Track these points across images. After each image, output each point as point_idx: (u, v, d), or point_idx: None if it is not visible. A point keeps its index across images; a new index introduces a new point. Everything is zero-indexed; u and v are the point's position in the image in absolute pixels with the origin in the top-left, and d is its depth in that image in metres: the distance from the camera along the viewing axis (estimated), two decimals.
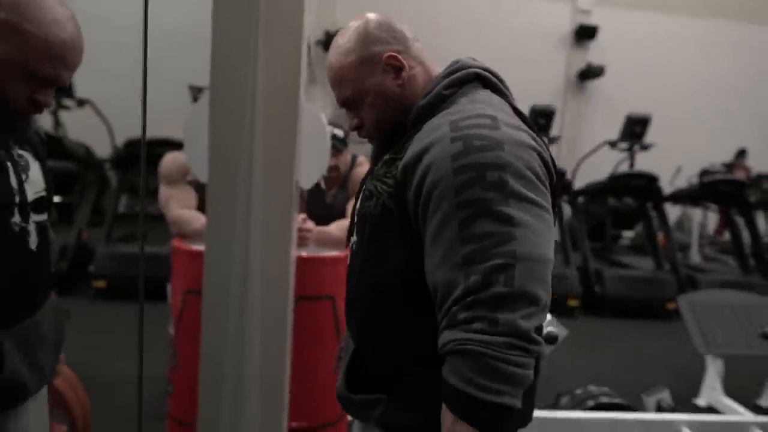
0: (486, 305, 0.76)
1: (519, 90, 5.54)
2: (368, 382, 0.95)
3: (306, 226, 2.05)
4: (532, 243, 0.79)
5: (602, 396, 1.95)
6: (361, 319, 0.98)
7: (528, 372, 0.78)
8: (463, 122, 0.85)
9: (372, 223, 0.93)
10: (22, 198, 0.96)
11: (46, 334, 1.03)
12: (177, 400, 2.17)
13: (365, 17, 1.00)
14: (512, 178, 0.80)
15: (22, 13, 0.87)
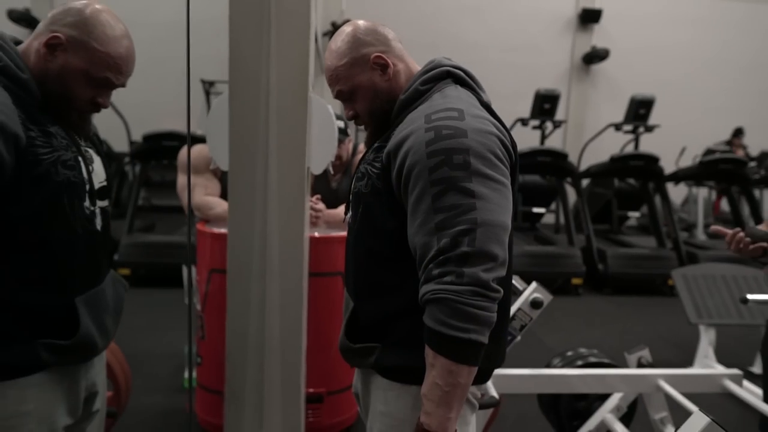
0: (454, 262, 0.94)
1: (524, 75, 5.87)
2: (365, 333, 1.14)
3: (318, 207, 2.24)
4: (490, 211, 0.96)
5: (591, 356, 2.11)
6: (357, 280, 1.17)
7: (490, 314, 0.95)
8: (435, 115, 1.03)
9: (364, 200, 1.12)
10: (91, 186, 1.14)
11: (109, 301, 1.21)
12: (205, 369, 2.38)
13: (354, 24, 1.19)
14: (474, 159, 0.98)
15: (90, 32, 1.06)
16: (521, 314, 1.74)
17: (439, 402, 0.96)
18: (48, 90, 1.06)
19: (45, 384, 1.09)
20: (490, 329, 0.97)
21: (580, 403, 2.02)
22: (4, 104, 0.98)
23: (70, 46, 1.05)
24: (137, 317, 3.54)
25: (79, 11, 1.06)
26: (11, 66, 1.03)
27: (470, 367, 0.96)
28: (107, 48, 1.07)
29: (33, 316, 1.06)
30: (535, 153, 5.37)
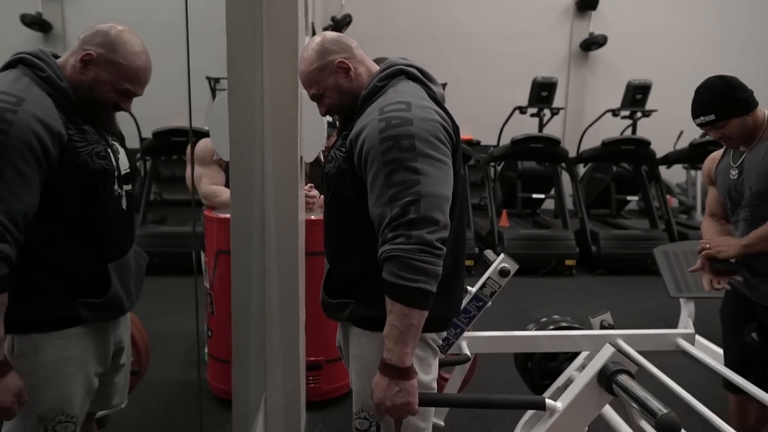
0: (404, 227, 1.15)
1: (523, 64, 6.13)
2: (339, 290, 1.36)
3: (312, 193, 2.46)
4: (432, 185, 1.17)
5: (562, 322, 2.32)
6: (330, 245, 1.41)
7: (436, 268, 1.16)
8: (387, 107, 1.24)
9: (333, 179, 1.35)
10: (118, 173, 1.37)
11: (132, 270, 1.44)
12: (215, 341, 2.62)
13: (323, 35, 1.41)
14: (419, 142, 1.19)
15: (114, 49, 1.29)
16: (491, 282, 1.96)
17: (397, 340, 1.18)
18: (82, 96, 1.29)
19: (82, 336, 1.33)
20: (436, 280, 1.18)
21: (550, 363, 2.23)
22: (49, 108, 1.21)
23: (99, 61, 1.28)
24: (153, 302, 3.77)
25: (106, 33, 1.30)
26: (53, 76, 1.25)
27: (421, 311, 1.17)
28: (129, 62, 1.30)
29: (74, 279, 1.29)
30: (528, 140, 5.55)
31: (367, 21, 8.35)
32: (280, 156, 2.03)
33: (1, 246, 1.11)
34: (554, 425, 1.19)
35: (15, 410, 1.18)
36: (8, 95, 1.17)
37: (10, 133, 1.12)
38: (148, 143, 5.54)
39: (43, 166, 1.18)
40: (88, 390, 1.37)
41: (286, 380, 2.19)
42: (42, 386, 1.26)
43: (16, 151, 1.13)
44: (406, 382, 1.19)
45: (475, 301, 1.96)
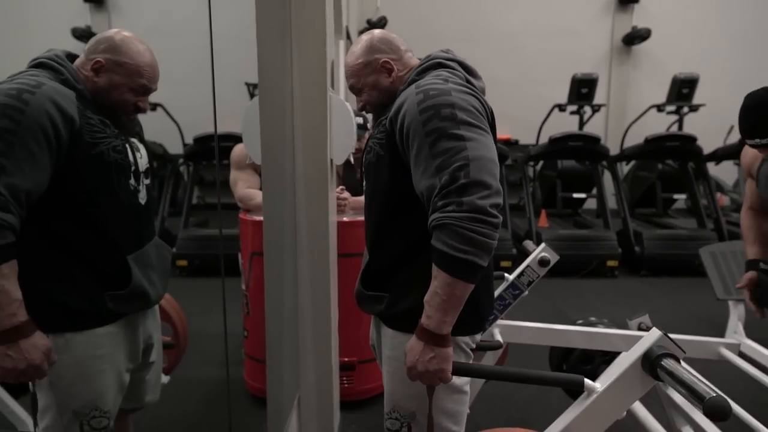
0: (454, 193, 1.10)
1: (562, 60, 6.04)
2: (375, 282, 1.36)
3: (343, 196, 2.48)
4: (477, 149, 1.14)
5: (599, 324, 2.26)
6: (370, 235, 1.41)
7: (488, 240, 1.10)
8: (424, 83, 1.24)
9: (372, 169, 1.35)
10: (136, 168, 1.42)
11: (154, 261, 1.47)
12: (251, 341, 2.67)
13: (372, 33, 1.42)
14: (459, 111, 1.17)
15: (119, 52, 1.34)
16: (529, 271, 1.93)
17: (438, 307, 1.15)
18: (100, 102, 1.34)
19: (112, 334, 1.38)
20: (488, 254, 1.12)
21: (586, 366, 2.17)
22: (67, 96, 1.25)
23: (109, 66, 1.33)
24: (194, 302, 3.90)
25: (108, 39, 1.35)
26: (71, 79, 1.31)
27: (465, 283, 1.13)
28: (137, 61, 1.35)
29: (97, 272, 1.33)
30: (566, 138, 5.43)
31: (402, 23, 8.36)
32: (311, 159, 2.06)
33: (6, 216, 1.14)
34: (592, 406, 1.14)
35: (45, 369, 1.23)
36: (31, 79, 1.22)
37: (25, 111, 1.16)
38: (190, 148, 5.70)
39: (53, 147, 1.21)
40: (120, 386, 1.42)
41: (318, 380, 2.21)
42: (76, 383, 1.32)
43: (29, 130, 1.17)
44: (441, 348, 1.17)
45: (511, 289, 1.93)
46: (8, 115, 1.15)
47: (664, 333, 1.14)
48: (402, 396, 1.34)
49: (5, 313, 1.15)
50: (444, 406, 1.31)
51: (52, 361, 1.24)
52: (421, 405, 1.30)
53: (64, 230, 1.29)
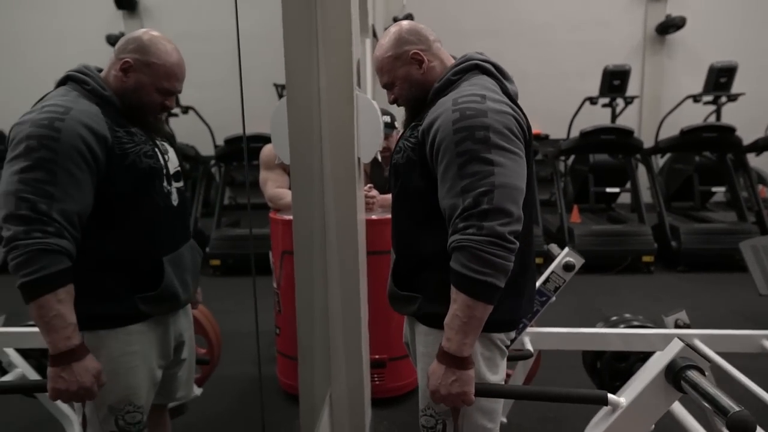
0: (476, 217, 1.13)
1: (593, 52, 5.94)
2: (406, 282, 1.36)
3: (371, 194, 2.49)
4: (505, 176, 1.15)
5: (634, 321, 2.21)
6: (398, 236, 1.41)
7: (506, 263, 1.13)
8: (461, 99, 1.23)
9: (401, 170, 1.35)
10: (167, 170, 1.45)
11: (187, 263, 1.51)
12: (283, 339, 2.71)
13: (400, 24, 1.41)
14: (493, 134, 1.17)
15: (147, 52, 1.37)
16: (555, 276, 1.90)
17: (458, 330, 1.16)
18: (128, 102, 1.38)
19: (144, 331, 1.41)
20: (505, 276, 1.15)
21: (621, 364, 2.13)
22: (95, 115, 1.30)
23: (137, 66, 1.37)
24: (228, 301, 3.98)
25: (137, 39, 1.38)
26: (97, 88, 1.35)
27: (485, 305, 1.15)
28: (163, 61, 1.38)
29: (130, 274, 1.37)
30: (598, 131, 5.32)
31: (428, 19, 8.28)
32: (338, 157, 2.07)
33: (62, 242, 1.20)
34: (617, 422, 1.13)
35: (95, 391, 1.27)
36: (57, 106, 1.26)
37: (60, 139, 1.21)
38: (221, 150, 5.81)
39: (92, 167, 1.26)
40: (152, 381, 1.46)
41: (349, 377, 2.22)
42: (110, 378, 1.35)
43: (67, 156, 1.21)
44: (462, 371, 1.18)
45: (538, 296, 1.91)
46: (45, 145, 1.20)
47: (687, 343, 1.12)
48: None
49: (60, 336, 1.20)
50: (479, 403, 1.30)
51: (101, 384, 1.29)
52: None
53: (100, 235, 1.33)
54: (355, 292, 2.19)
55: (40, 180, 1.19)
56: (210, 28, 6.22)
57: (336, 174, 2.08)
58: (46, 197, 1.19)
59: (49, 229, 1.18)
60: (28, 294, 1.18)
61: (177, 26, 8.64)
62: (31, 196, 1.18)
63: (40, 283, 1.17)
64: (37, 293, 1.18)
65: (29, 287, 1.17)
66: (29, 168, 1.19)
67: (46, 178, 1.19)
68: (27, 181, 1.18)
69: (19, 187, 1.18)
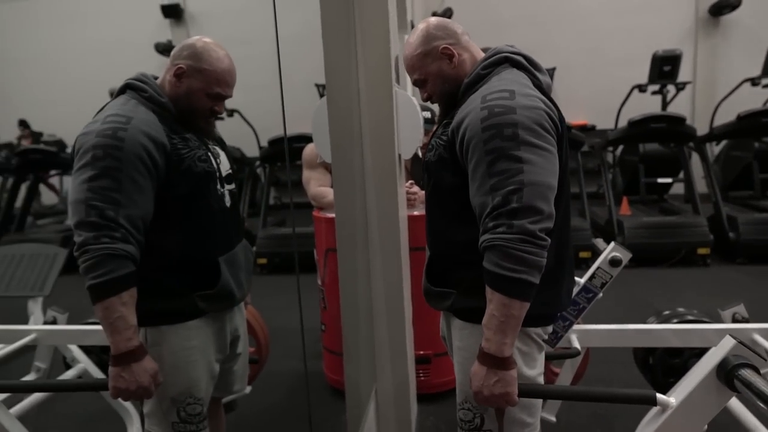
0: (505, 216, 1.13)
1: (641, 38, 5.76)
2: (440, 279, 1.37)
3: (413, 190, 2.49)
4: (535, 174, 1.14)
5: (688, 315, 2.12)
6: (431, 233, 1.42)
7: (538, 258, 1.13)
8: (489, 96, 1.22)
9: (433, 168, 1.35)
10: (219, 173, 1.50)
11: (241, 263, 1.56)
12: (328, 335, 2.75)
13: (427, 21, 1.41)
14: (522, 131, 1.15)
15: (200, 59, 1.42)
16: (601, 272, 1.85)
17: (496, 330, 1.16)
18: (181, 107, 1.44)
19: (202, 327, 1.47)
20: (539, 271, 1.14)
21: (675, 359, 2.05)
22: (154, 123, 1.36)
23: (190, 72, 1.42)
24: (275, 299, 4.05)
25: (191, 45, 1.44)
26: (154, 95, 1.41)
27: (521, 302, 1.14)
28: (214, 68, 1.43)
29: (189, 273, 1.43)
30: (647, 120, 5.12)
31: (468, 12, 8.22)
32: (379, 154, 2.08)
33: (128, 247, 1.27)
34: (667, 422, 1.10)
35: (152, 390, 1.34)
36: (119, 116, 1.33)
37: (123, 148, 1.28)
38: (265, 151, 5.93)
39: (153, 174, 1.33)
40: (211, 375, 1.52)
41: (394, 372, 2.24)
42: (172, 372, 1.42)
43: (130, 164, 1.28)
44: (504, 372, 1.17)
45: (584, 292, 1.87)
46: (110, 154, 1.27)
47: (739, 341, 1.07)
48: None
49: (122, 337, 1.27)
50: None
51: (158, 383, 1.35)
52: None
53: (161, 237, 1.39)
54: (398, 288, 2.20)
55: (107, 188, 1.26)
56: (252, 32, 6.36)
57: (377, 171, 2.09)
58: (113, 204, 1.25)
59: (116, 235, 1.25)
60: (96, 295, 1.25)
61: (220, 31, 8.88)
62: (99, 204, 1.25)
63: (107, 286, 1.24)
64: (103, 295, 1.24)
65: (97, 289, 1.24)
66: (96, 177, 1.26)
67: (113, 186, 1.26)
68: (95, 189, 1.25)
69: (88, 195, 1.25)
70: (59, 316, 2.47)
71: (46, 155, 6.33)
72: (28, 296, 3.10)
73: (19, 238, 6.09)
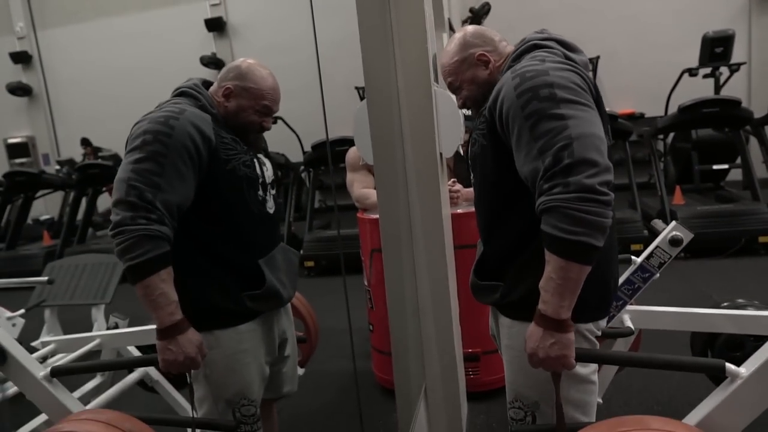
0: (560, 174, 1.06)
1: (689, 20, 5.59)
2: (491, 272, 1.36)
3: (455, 188, 2.49)
4: (580, 127, 1.08)
5: (749, 306, 2.02)
6: (483, 226, 1.41)
7: (600, 218, 1.05)
8: (519, 67, 1.21)
9: (478, 161, 1.34)
10: (263, 180, 1.56)
11: (281, 264, 1.60)
12: (376, 335, 2.78)
13: (464, 29, 1.42)
14: (558, 89, 1.12)
15: (245, 78, 1.49)
16: (659, 252, 1.77)
17: (553, 292, 1.11)
18: (231, 124, 1.50)
19: (252, 330, 1.52)
20: (603, 233, 1.07)
21: (735, 352, 1.97)
22: (205, 119, 1.42)
23: (237, 91, 1.49)
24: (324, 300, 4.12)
25: (237, 67, 1.51)
26: (207, 105, 1.48)
27: (581, 265, 1.08)
28: (260, 85, 1.50)
29: (237, 275, 1.48)
30: (698, 105, 4.91)
31: (506, 6, 8.11)
32: (420, 154, 2.09)
33: (163, 228, 1.30)
34: (736, 393, 1.03)
35: (199, 360, 1.38)
36: (174, 106, 1.40)
37: (172, 135, 1.33)
38: (309, 156, 6.03)
39: (196, 164, 1.37)
40: (262, 377, 1.57)
41: (443, 371, 2.24)
42: (226, 374, 1.47)
43: (176, 151, 1.33)
44: (561, 334, 1.13)
45: (640, 272, 1.79)
46: (159, 140, 1.32)
47: None
48: (523, 385, 1.33)
49: (165, 312, 1.32)
50: (569, 396, 1.27)
51: (203, 354, 1.40)
52: (544, 394, 1.27)
53: (207, 237, 1.45)
54: (444, 286, 2.20)
55: (150, 171, 1.30)
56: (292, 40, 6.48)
57: (419, 170, 2.10)
58: (153, 187, 1.30)
59: (152, 216, 1.29)
60: (136, 275, 1.29)
61: (261, 41, 9.09)
62: (140, 185, 1.29)
63: (147, 265, 1.28)
64: (143, 274, 1.28)
65: (136, 269, 1.28)
66: (142, 159, 1.31)
67: (156, 170, 1.31)
68: (138, 171, 1.30)
69: (131, 175, 1.30)
70: (120, 322, 2.60)
71: (103, 169, 6.65)
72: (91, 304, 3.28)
73: (81, 249, 6.42)
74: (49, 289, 3.19)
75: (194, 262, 1.42)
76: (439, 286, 2.20)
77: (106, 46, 10.11)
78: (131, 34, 9.92)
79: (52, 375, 1.59)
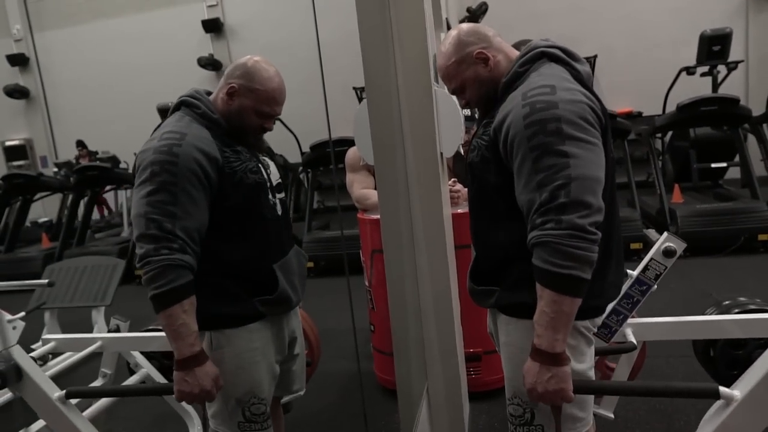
0: (554, 212, 1.11)
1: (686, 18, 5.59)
2: (485, 277, 1.37)
3: (456, 188, 2.49)
4: (582, 167, 1.12)
5: (750, 305, 2.03)
6: (477, 233, 1.42)
7: (589, 254, 1.11)
8: (530, 92, 1.21)
9: (477, 168, 1.34)
10: (270, 183, 1.56)
11: (295, 268, 1.61)
12: (377, 335, 2.77)
13: (458, 28, 1.41)
14: (565, 125, 1.14)
15: (251, 78, 1.47)
16: (654, 264, 1.78)
17: (547, 326, 1.15)
18: (232, 124, 1.49)
19: (263, 329, 1.52)
20: (590, 267, 1.13)
21: (738, 351, 1.97)
22: (206, 139, 1.42)
23: (241, 91, 1.48)
24: (323, 300, 4.12)
25: (243, 65, 1.49)
26: (207, 111, 1.47)
27: (572, 298, 1.13)
28: (265, 87, 1.48)
29: (250, 280, 1.48)
30: (697, 103, 4.92)
31: (503, 5, 8.11)
32: (421, 154, 2.09)
33: (185, 257, 1.33)
34: (732, 417, 1.06)
35: (214, 393, 1.39)
36: (174, 133, 1.39)
37: (178, 164, 1.34)
38: (307, 156, 6.02)
39: (206, 186, 1.39)
40: (272, 375, 1.57)
41: (445, 371, 2.24)
42: (236, 373, 1.47)
43: (185, 178, 1.34)
44: (558, 368, 1.16)
45: (637, 285, 1.81)
46: (166, 169, 1.33)
47: None
48: (522, 381, 1.33)
49: (186, 343, 1.33)
50: None
51: (219, 387, 1.41)
52: None
53: (220, 247, 1.45)
54: (445, 286, 2.20)
55: (164, 201, 1.32)
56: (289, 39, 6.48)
57: (419, 170, 2.10)
58: (170, 216, 1.32)
59: (174, 246, 1.31)
60: (159, 304, 1.32)
61: (259, 42, 9.08)
62: (157, 217, 1.31)
63: (169, 295, 1.30)
64: (166, 304, 1.31)
65: (160, 299, 1.31)
66: (154, 191, 1.33)
67: (169, 200, 1.32)
68: (153, 204, 1.32)
69: (147, 209, 1.32)
70: (122, 324, 2.59)
71: (101, 171, 6.63)
72: (91, 306, 3.27)
73: (80, 251, 6.41)
74: (48, 291, 3.18)
75: (205, 271, 1.41)
76: (440, 286, 2.20)
77: (103, 48, 10.10)
78: (128, 35, 9.92)
79: (66, 397, 1.60)
